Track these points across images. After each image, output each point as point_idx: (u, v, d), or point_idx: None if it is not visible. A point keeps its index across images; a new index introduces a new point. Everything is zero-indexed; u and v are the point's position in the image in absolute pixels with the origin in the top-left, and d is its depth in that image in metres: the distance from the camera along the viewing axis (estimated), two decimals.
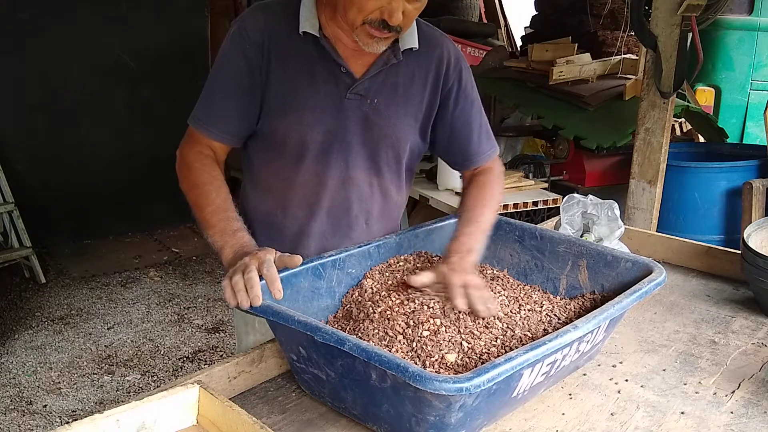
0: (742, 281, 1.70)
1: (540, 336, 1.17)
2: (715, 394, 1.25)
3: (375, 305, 1.24)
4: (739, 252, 1.67)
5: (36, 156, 4.68)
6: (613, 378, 1.30)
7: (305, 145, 1.41)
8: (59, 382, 3.22)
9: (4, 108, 4.52)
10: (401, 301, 1.23)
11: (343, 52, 1.39)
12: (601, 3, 5.66)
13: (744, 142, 4.56)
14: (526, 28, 6.94)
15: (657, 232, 2.48)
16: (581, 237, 1.72)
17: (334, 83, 1.40)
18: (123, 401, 1.11)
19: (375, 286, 1.34)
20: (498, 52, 4.69)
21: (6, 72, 4.48)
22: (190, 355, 3.49)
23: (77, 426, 0.95)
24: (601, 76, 4.10)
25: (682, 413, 1.18)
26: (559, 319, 1.27)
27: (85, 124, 4.86)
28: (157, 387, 1.49)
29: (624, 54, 4.33)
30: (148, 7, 4.94)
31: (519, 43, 7.18)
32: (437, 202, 3.53)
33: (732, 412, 1.19)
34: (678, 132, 4.21)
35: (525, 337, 1.18)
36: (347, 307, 1.31)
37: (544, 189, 3.69)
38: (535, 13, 6.54)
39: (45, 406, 3.03)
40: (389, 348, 1.13)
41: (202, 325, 3.81)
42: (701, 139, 4.27)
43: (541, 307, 1.31)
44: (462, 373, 0.99)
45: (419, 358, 1.10)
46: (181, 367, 3.38)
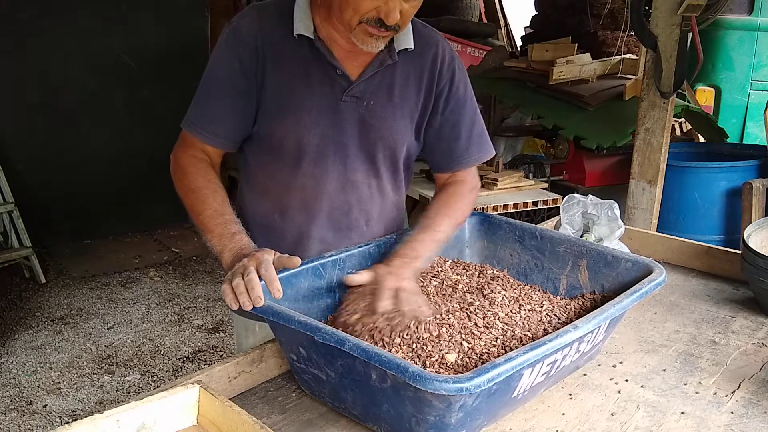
0: (742, 281, 1.70)
1: (540, 336, 1.17)
2: (715, 394, 1.25)
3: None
4: (739, 252, 1.67)
5: (36, 156, 4.68)
6: (613, 378, 1.30)
7: (302, 148, 1.40)
8: (59, 382, 3.22)
9: (4, 108, 4.52)
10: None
11: (338, 54, 1.37)
12: (601, 3, 5.66)
13: (744, 142, 4.56)
14: (526, 28, 6.94)
15: (657, 232, 2.48)
16: (581, 237, 1.72)
17: (329, 85, 1.38)
18: (123, 401, 1.11)
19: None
20: (498, 52, 4.69)
21: (6, 72, 4.48)
22: (190, 355, 3.49)
23: (77, 426, 0.95)
24: (601, 76, 4.10)
25: (682, 413, 1.18)
26: (559, 319, 1.27)
27: (85, 124, 4.86)
28: (157, 387, 1.49)
29: (624, 54, 4.33)
30: (148, 7, 4.94)
31: (519, 43, 7.18)
32: None
33: (732, 412, 1.19)
34: (678, 132, 4.21)
35: (525, 337, 1.18)
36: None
37: (544, 189, 3.69)
38: (535, 13, 6.54)
39: (45, 406, 3.03)
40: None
41: (202, 325, 3.81)
42: (701, 139, 4.27)
43: (541, 307, 1.31)
44: (462, 373, 0.99)
45: (419, 358, 1.10)
46: (181, 367, 3.38)
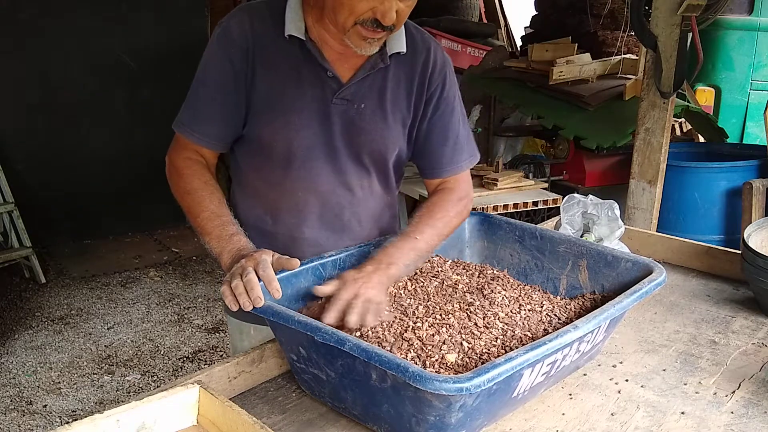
0: (742, 281, 1.70)
1: (540, 336, 1.17)
2: (715, 394, 1.25)
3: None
4: (739, 252, 1.67)
5: (36, 156, 4.69)
6: (613, 378, 1.30)
7: (292, 150, 1.38)
8: (59, 382, 3.22)
9: (4, 108, 4.52)
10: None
11: (330, 56, 1.36)
12: (601, 3, 5.66)
13: (744, 142, 4.56)
14: (526, 28, 6.94)
15: (657, 232, 2.48)
16: (581, 237, 1.72)
17: (320, 87, 1.36)
18: (123, 401, 1.11)
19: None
20: (498, 52, 4.69)
21: (6, 72, 4.48)
22: (190, 355, 3.49)
23: (77, 426, 0.95)
24: (601, 76, 4.10)
25: (683, 413, 1.18)
26: (559, 319, 1.27)
27: (85, 124, 4.87)
28: (157, 387, 1.49)
29: (624, 54, 4.33)
30: (148, 7, 4.94)
31: (519, 43, 7.17)
32: None
33: (732, 412, 1.19)
34: (678, 132, 4.21)
35: (525, 337, 1.18)
36: None
37: (544, 189, 3.69)
38: (535, 13, 6.54)
39: (45, 406, 3.03)
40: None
41: (202, 325, 3.81)
42: (701, 139, 4.27)
43: (542, 307, 1.31)
44: (462, 373, 0.99)
45: (419, 358, 1.10)
46: (181, 367, 3.38)
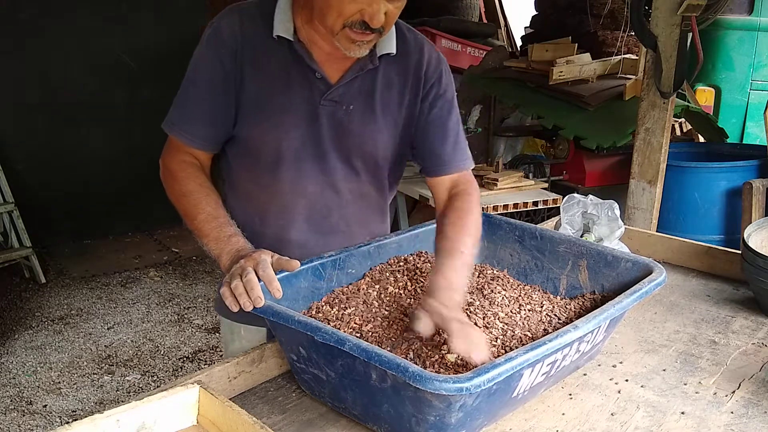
0: (742, 281, 1.70)
1: (540, 336, 1.17)
2: (715, 394, 1.25)
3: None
4: (739, 252, 1.67)
5: (36, 156, 4.69)
6: (613, 378, 1.30)
7: (280, 152, 1.37)
8: (59, 382, 3.22)
9: (4, 108, 4.52)
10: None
11: (319, 57, 1.35)
12: (601, 3, 5.66)
13: (744, 142, 4.55)
14: (526, 28, 6.93)
15: (657, 232, 2.48)
16: (581, 237, 1.72)
17: (308, 89, 1.35)
18: (123, 401, 1.11)
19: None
20: (498, 52, 4.69)
21: (6, 72, 4.48)
22: (190, 355, 3.49)
23: (77, 426, 0.95)
24: (601, 76, 4.09)
25: (682, 413, 1.18)
26: (559, 319, 1.27)
27: (85, 124, 4.86)
28: (157, 387, 1.49)
29: (624, 54, 4.33)
30: (148, 7, 4.94)
31: (519, 43, 7.17)
32: None
33: (732, 412, 1.19)
34: (678, 132, 4.21)
35: (525, 337, 1.18)
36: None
37: (544, 189, 3.69)
38: (535, 13, 6.53)
39: (45, 406, 3.03)
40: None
41: (202, 325, 3.81)
42: (701, 139, 4.27)
43: (541, 307, 1.31)
44: (462, 373, 0.99)
45: (419, 358, 1.10)
46: (181, 367, 3.38)
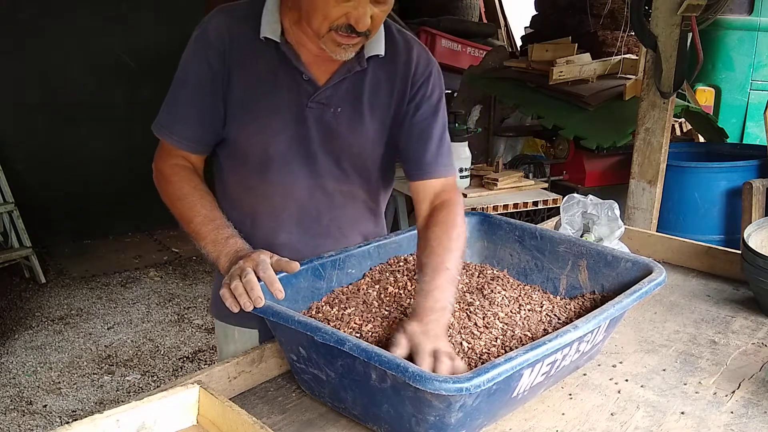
0: (742, 281, 1.70)
1: (540, 336, 1.17)
2: (715, 394, 1.25)
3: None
4: (739, 252, 1.67)
5: (36, 156, 4.68)
6: (613, 378, 1.30)
7: (268, 155, 1.37)
8: (59, 382, 3.22)
9: (4, 108, 4.52)
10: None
11: (306, 59, 1.34)
12: (601, 3, 5.65)
13: (744, 142, 4.55)
14: (526, 28, 6.93)
15: (657, 232, 2.48)
16: (581, 237, 1.72)
17: (296, 91, 1.34)
18: (123, 401, 1.11)
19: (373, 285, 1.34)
20: (498, 52, 4.69)
21: (6, 72, 4.48)
22: (190, 355, 3.49)
23: (77, 426, 0.95)
24: (601, 76, 4.09)
25: (682, 413, 1.18)
26: (559, 319, 1.27)
27: (85, 124, 4.86)
28: (157, 387, 1.49)
29: (624, 54, 4.32)
30: (148, 7, 4.94)
31: (519, 43, 7.17)
32: None
33: (732, 412, 1.19)
34: (678, 132, 4.21)
35: (525, 337, 1.18)
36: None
37: (544, 189, 3.69)
38: (535, 13, 6.53)
39: (45, 406, 3.03)
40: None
41: (202, 325, 3.81)
42: (701, 139, 4.27)
43: (541, 307, 1.31)
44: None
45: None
46: (181, 367, 3.38)
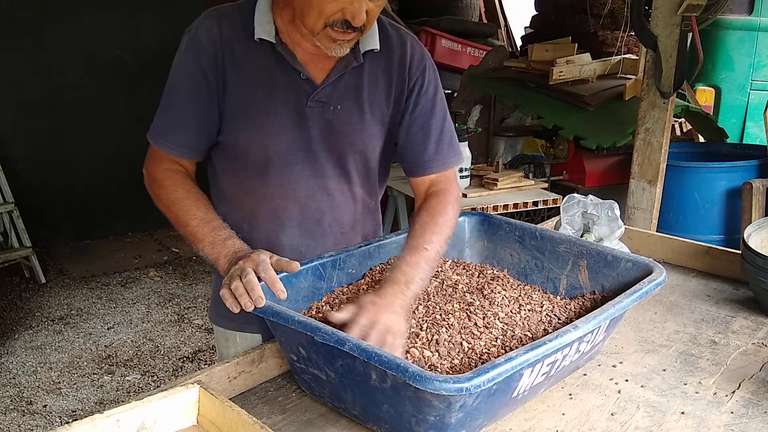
0: (742, 281, 1.70)
1: (540, 336, 1.17)
2: (715, 394, 1.25)
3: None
4: (739, 252, 1.67)
5: (36, 156, 4.69)
6: (613, 378, 1.30)
7: (268, 157, 1.35)
8: (59, 382, 3.22)
9: (4, 107, 4.52)
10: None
11: (302, 58, 1.33)
12: (601, 3, 5.65)
13: (744, 142, 4.55)
14: (526, 28, 6.93)
15: (657, 232, 2.48)
16: (581, 237, 1.72)
17: (294, 91, 1.33)
18: (123, 401, 1.11)
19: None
20: (498, 52, 4.69)
21: (6, 71, 4.48)
22: (190, 355, 3.49)
23: (77, 426, 0.95)
24: (601, 76, 4.09)
25: (682, 413, 1.18)
26: (559, 319, 1.27)
27: (85, 123, 4.86)
28: (157, 387, 1.49)
29: (624, 54, 4.32)
30: (148, 7, 4.94)
31: (519, 43, 7.17)
32: None
33: (732, 412, 1.19)
34: (678, 132, 4.21)
35: (525, 337, 1.18)
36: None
37: (544, 189, 3.69)
38: (535, 13, 6.53)
39: (45, 406, 3.03)
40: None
41: (202, 325, 3.80)
42: (701, 139, 4.27)
43: (541, 307, 1.31)
44: (462, 373, 0.99)
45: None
46: (181, 367, 3.38)
